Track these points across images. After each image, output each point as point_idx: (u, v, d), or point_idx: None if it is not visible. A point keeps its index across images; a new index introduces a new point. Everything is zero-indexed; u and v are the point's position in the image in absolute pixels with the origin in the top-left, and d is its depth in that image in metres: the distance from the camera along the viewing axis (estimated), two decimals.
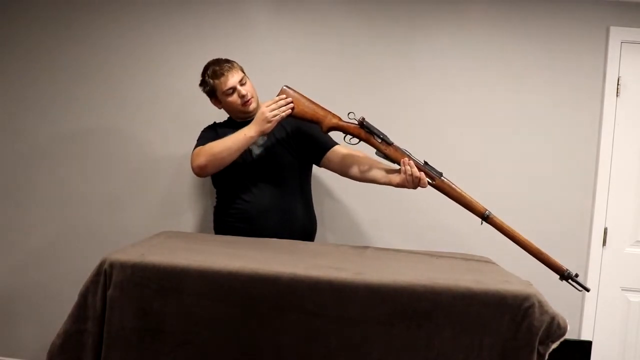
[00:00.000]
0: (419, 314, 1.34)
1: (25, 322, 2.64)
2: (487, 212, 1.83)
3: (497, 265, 1.82)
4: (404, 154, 1.87)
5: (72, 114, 2.64)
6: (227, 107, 2.13)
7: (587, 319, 2.54)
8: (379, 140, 1.89)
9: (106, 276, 1.36)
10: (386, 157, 1.89)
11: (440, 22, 2.59)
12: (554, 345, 1.32)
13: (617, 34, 2.53)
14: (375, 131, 1.90)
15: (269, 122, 1.91)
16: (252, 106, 2.10)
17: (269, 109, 1.91)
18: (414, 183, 1.85)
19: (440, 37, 2.59)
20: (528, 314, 1.32)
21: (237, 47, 2.61)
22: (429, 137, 2.60)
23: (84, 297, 1.38)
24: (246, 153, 2.04)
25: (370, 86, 2.60)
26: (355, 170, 2.03)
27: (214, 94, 2.11)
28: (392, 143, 1.89)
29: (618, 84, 2.53)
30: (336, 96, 2.58)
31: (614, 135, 2.54)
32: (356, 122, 1.92)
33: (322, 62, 2.60)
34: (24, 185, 2.66)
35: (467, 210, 1.88)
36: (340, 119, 1.94)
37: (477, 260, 1.85)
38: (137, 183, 2.63)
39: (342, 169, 2.07)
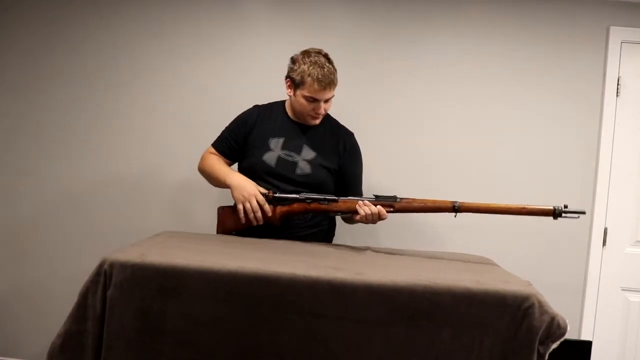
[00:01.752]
0: (419, 314, 1.34)
1: (25, 322, 2.65)
2: (455, 203, 1.82)
3: (497, 265, 1.82)
4: (353, 200, 1.87)
5: (72, 114, 2.65)
6: (295, 104, 2.02)
7: (587, 319, 2.55)
8: (326, 203, 1.88)
9: (106, 276, 1.36)
10: (340, 212, 1.90)
11: (440, 22, 2.59)
12: (554, 345, 1.32)
13: (617, 34, 2.53)
14: (316, 197, 1.88)
15: (242, 199, 1.87)
16: (315, 122, 2.04)
17: (248, 205, 1.86)
18: (375, 219, 1.86)
19: (440, 37, 2.59)
20: (528, 314, 1.31)
21: (237, 46, 2.62)
22: (428, 137, 2.60)
23: (84, 297, 1.38)
24: (288, 163, 2.00)
25: (370, 85, 2.60)
26: None
27: (297, 84, 1.97)
28: (337, 199, 1.88)
29: (618, 84, 2.53)
30: (335, 95, 2.58)
31: (614, 135, 2.54)
32: (295, 197, 1.89)
33: None
34: (24, 185, 2.66)
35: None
36: (275, 208, 1.89)
37: (477, 261, 1.84)
38: (138, 183, 2.64)
39: None
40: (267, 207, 1.88)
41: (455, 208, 1.81)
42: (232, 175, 1.97)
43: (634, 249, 2.57)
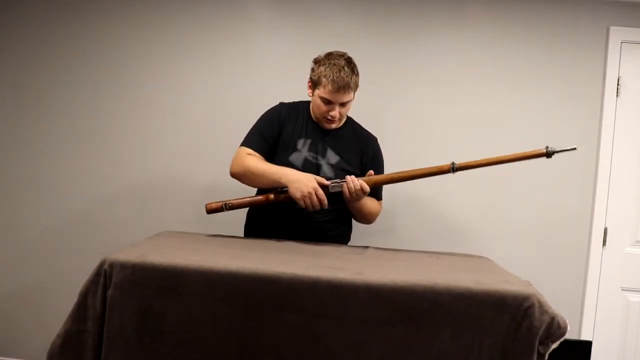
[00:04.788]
0: (419, 314, 1.34)
1: (25, 322, 2.65)
2: (452, 164, 1.88)
3: (497, 265, 1.82)
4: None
5: (72, 114, 2.65)
6: (313, 105, 2.02)
7: (587, 319, 2.55)
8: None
9: (106, 276, 1.36)
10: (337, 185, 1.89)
11: (440, 22, 2.59)
12: (554, 345, 1.32)
13: (617, 34, 2.53)
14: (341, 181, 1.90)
15: (300, 196, 1.83)
16: (332, 127, 2.02)
17: (310, 196, 1.82)
18: (358, 195, 1.88)
19: (439, 37, 2.59)
20: (528, 314, 1.31)
21: (238, 45, 2.62)
22: (428, 136, 2.60)
23: (84, 297, 1.38)
24: (313, 165, 1.98)
25: (369, 85, 2.59)
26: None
27: (315, 85, 1.97)
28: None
29: (618, 84, 2.53)
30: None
31: (614, 135, 2.54)
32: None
33: None
34: (25, 185, 2.66)
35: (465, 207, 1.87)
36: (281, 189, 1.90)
37: (477, 261, 1.84)
38: (138, 183, 2.64)
39: None
40: (325, 202, 1.85)
41: (454, 168, 1.88)
42: (286, 172, 1.90)
43: (634, 249, 2.57)
